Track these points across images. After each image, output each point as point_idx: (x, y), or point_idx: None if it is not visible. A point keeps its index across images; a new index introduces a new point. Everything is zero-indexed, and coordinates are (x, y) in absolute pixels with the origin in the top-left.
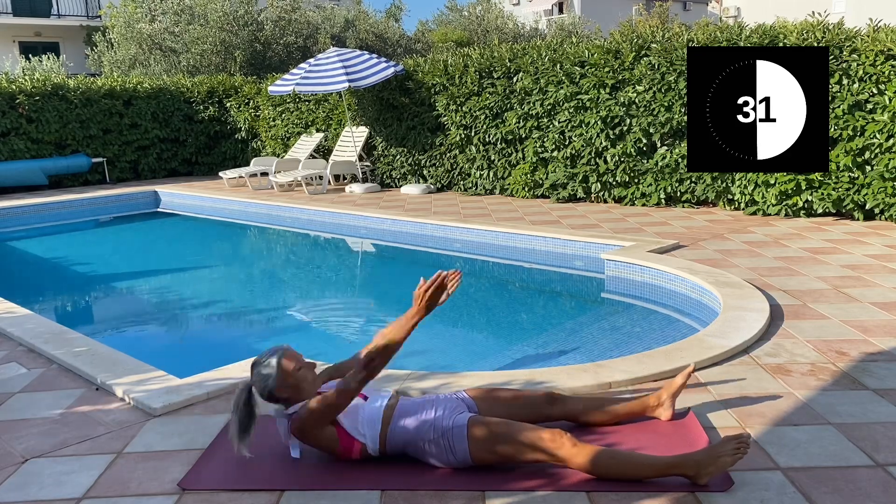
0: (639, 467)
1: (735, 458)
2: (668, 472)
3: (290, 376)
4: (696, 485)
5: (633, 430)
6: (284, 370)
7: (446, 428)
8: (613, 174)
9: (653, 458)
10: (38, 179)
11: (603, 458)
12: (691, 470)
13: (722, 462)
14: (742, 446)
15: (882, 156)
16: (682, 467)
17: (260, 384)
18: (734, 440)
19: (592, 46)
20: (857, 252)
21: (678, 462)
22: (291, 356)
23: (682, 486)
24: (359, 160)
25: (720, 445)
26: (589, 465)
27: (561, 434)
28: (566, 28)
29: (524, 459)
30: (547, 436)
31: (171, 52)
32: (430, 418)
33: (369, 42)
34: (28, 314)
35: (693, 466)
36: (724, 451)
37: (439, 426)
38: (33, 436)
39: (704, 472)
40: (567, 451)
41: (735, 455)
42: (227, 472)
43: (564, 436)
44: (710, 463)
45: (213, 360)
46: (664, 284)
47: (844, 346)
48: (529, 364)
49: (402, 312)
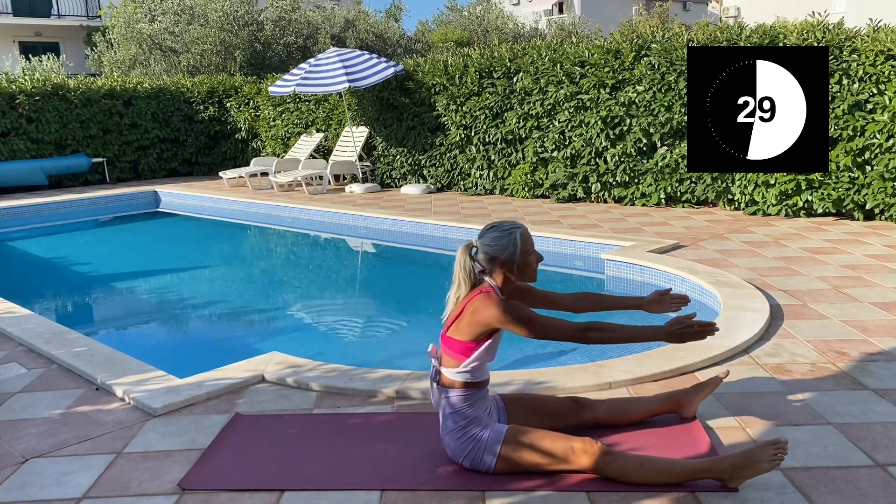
0: (672, 472)
1: (773, 465)
2: (700, 475)
3: (527, 253)
4: (727, 488)
5: (633, 431)
6: (522, 245)
7: (481, 439)
8: (613, 174)
9: (684, 462)
10: (38, 179)
11: (635, 463)
12: (726, 473)
13: (759, 468)
14: (780, 451)
15: (882, 156)
16: (717, 471)
17: (492, 248)
18: (772, 445)
19: (592, 46)
20: (857, 252)
21: (711, 466)
22: (530, 237)
23: (683, 487)
24: (359, 160)
25: (758, 450)
26: (622, 473)
27: (591, 443)
28: (566, 28)
29: (551, 469)
30: (578, 445)
31: (171, 52)
32: (475, 418)
33: (369, 42)
34: (28, 314)
35: (728, 470)
36: (763, 456)
37: (476, 436)
38: (33, 436)
39: (739, 475)
40: (598, 461)
41: (773, 461)
42: (227, 472)
43: (595, 444)
44: (746, 467)
45: (213, 360)
46: (664, 284)
47: (844, 346)
48: (529, 364)
49: (401, 312)
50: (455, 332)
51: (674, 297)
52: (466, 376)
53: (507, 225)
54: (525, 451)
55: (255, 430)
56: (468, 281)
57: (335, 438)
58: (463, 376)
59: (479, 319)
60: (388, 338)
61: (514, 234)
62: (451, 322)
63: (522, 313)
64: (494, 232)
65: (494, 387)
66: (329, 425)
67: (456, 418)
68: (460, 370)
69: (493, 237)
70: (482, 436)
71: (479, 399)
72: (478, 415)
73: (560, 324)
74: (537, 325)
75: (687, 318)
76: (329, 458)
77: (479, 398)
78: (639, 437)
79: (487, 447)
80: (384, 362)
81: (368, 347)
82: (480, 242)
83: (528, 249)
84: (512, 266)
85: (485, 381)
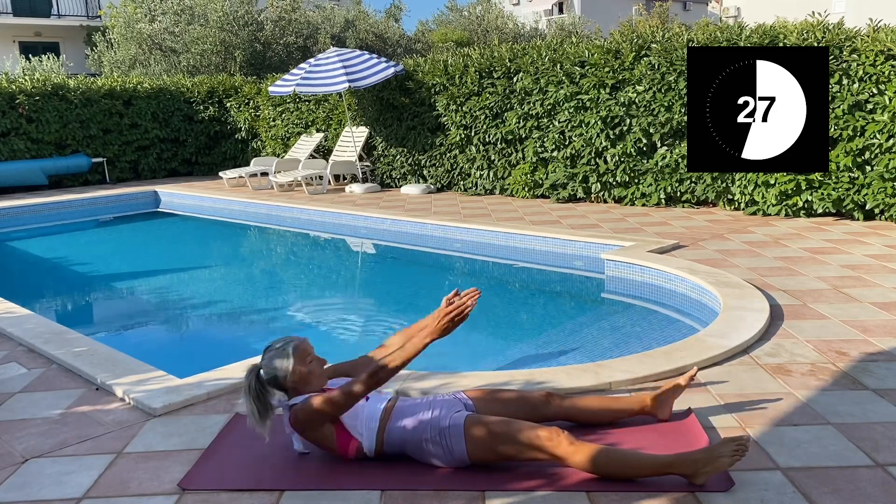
0: (636, 466)
1: (734, 460)
2: (665, 470)
3: (301, 368)
4: (693, 484)
5: (633, 430)
6: (296, 361)
7: (444, 427)
8: (613, 174)
9: (650, 457)
10: (38, 179)
11: (601, 456)
12: (689, 469)
13: (720, 463)
14: (741, 448)
15: (882, 156)
16: (680, 466)
17: (269, 370)
18: (733, 441)
19: (592, 46)
20: (857, 252)
21: (675, 461)
22: (305, 348)
23: (683, 487)
24: (359, 160)
25: (720, 446)
26: (587, 463)
27: (558, 432)
28: (566, 28)
29: (522, 458)
30: (544, 434)
31: (171, 52)
32: (428, 418)
33: (369, 42)
34: (28, 314)
35: (691, 466)
36: (724, 451)
37: (437, 425)
38: (33, 436)
39: (702, 471)
40: (564, 450)
41: (734, 456)
42: (227, 472)
43: (562, 434)
44: (708, 463)
45: (213, 360)
46: (664, 284)
47: (844, 346)
48: (529, 364)
49: (401, 312)
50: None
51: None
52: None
53: (281, 342)
54: (491, 435)
55: (255, 431)
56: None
57: None
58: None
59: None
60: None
61: (287, 349)
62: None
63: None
64: (271, 352)
65: (486, 386)
66: None
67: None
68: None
69: (270, 357)
70: (445, 424)
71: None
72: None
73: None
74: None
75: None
76: (329, 458)
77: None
78: (638, 436)
79: (453, 433)
80: None
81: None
82: (262, 365)
83: (304, 360)
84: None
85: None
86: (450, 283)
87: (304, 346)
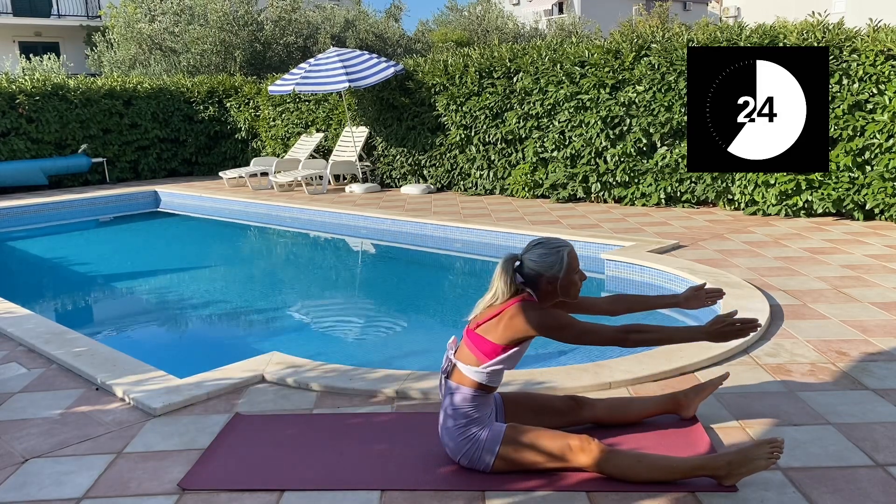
0: (667, 470)
1: (769, 463)
2: (697, 473)
3: (572, 272)
4: (723, 486)
5: (633, 431)
6: (571, 265)
7: (480, 440)
8: (613, 174)
9: (681, 460)
10: (38, 179)
11: (631, 461)
12: (722, 471)
13: (755, 465)
14: (776, 449)
15: (882, 156)
16: (713, 468)
17: (538, 266)
18: (768, 444)
19: (592, 46)
20: (857, 252)
21: (707, 463)
22: (575, 256)
23: (683, 487)
24: (359, 160)
25: (755, 448)
26: (618, 471)
27: (589, 440)
28: (566, 28)
29: (549, 468)
30: (575, 443)
31: (171, 52)
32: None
33: (369, 42)
34: (28, 314)
35: (724, 467)
36: (759, 454)
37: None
38: (33, 436)
39: (736, 472)
40: (595, 458)
41: (769, 459)
42: (227, 472)
43: (592, 442)
44: (742, 464)
45: (213, 360)
46: (664, 284)
47: (844, 346)
48: (529, 364)
49: (401, 312)
50: (486, 332)
51: (709, 292)
52: (483, 377)
53: (555, 242)
54: (524, 450)
55: (255, 431)
56: (507, 293)
57: (335, 438)
58: (480, 376)
59: (516, 325)
60: (388, 338)
61: (562, 253)
62: (484, 321)
63: (560, 320)
64: (541, 248)
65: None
66: (329, 425)
67: (457, 417)
68: (479, 370)
69: (540, 254)
70: (481, 435)
71: (485, 402)
72: (480, 416)
73: (599, 328)
74: (575, 330)
75: (727, 315)
76: (329, 458)
77: (485, 401)
78: (639, 437)
79: (486, 447)
80: (384, 362)
81: (368, 347)
82: (526, 258)
83: (574, 268)
84: (556, 284)
85: (495, 387)
86: (450, 283)
87: (575, 255)
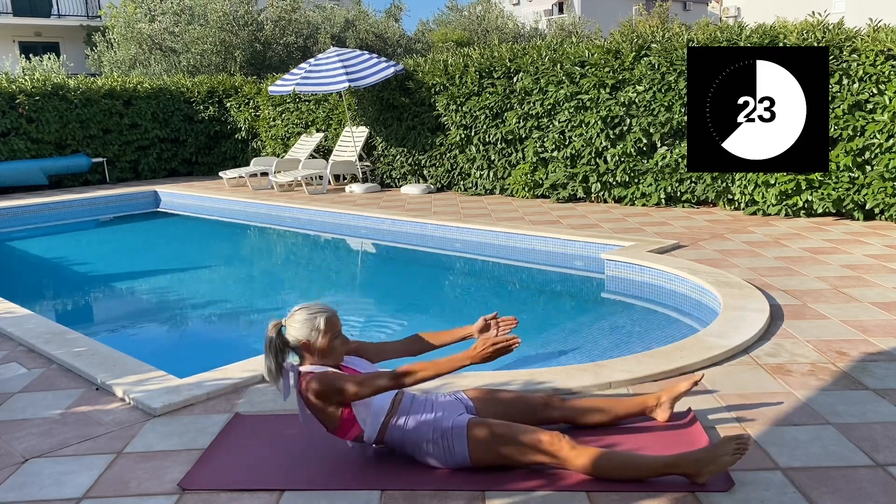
0: (637, 467)
1: (735, 459)
2: (666, 471)
3: (326, 341)
4: (695, 484)
5: (633, 431)
6: (324, 333)
7: (446, 429)
8: (613, 174)
9: (651, 458)
10: (38, 179)
11: (601, 459)
12: (691, 469)
13: (722, 462)
14: (742, 446)
15: (882, 156)
16: (681, 466)
17: (295, 333)
18: (734, 440)
19: (592, 46)
20: (857, 252)
21: (677, 461)
22: (335, 322)
23: (683, 486)
24: (359, 160)
25: (720, 445)
26: (588, 467)
27: (559, 436)
28: (566, 28)
29: (523, 461)
30: (546, 437)
31: (171, 52)
32: (431, 419)
33: (369, 42)
34: (28, 314)
35: (692, 465)
36: (725, 450)
37: (439, 427)
38: (33, 436)
39: (704, 470)
40: (566, 453)
41: (735, 455)
42: (227, 472)
43: (563, 438)
44: (709, 462)
45: (213, 360)
46: (664, 284)
47: (844, 346)
48: (529, 364)
49: (401, 312)
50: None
51: (503, 320)
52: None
53: (313, 309)
54: (493, 437)
55: (255, 430)
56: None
57: (335, 438)
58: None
59: (315, 403)
60: (389, 338)
61: (319, 319)
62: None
63: (334, 384)
64: (299, 314)
65: (486, 386)
66: None
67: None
68: (367, 433)
69: (299, 320)
70: (448, 425)
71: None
72: (430, 418)
73: (373, 379)
74: (352, 388)
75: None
76: (329, 458)
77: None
78: (638, 437)
79: (455, 434)
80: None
81: None
82: (288, 323)
83: (336, 333)
84: (314, 349)
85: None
86: (450, 283)
87: (334, 321)
